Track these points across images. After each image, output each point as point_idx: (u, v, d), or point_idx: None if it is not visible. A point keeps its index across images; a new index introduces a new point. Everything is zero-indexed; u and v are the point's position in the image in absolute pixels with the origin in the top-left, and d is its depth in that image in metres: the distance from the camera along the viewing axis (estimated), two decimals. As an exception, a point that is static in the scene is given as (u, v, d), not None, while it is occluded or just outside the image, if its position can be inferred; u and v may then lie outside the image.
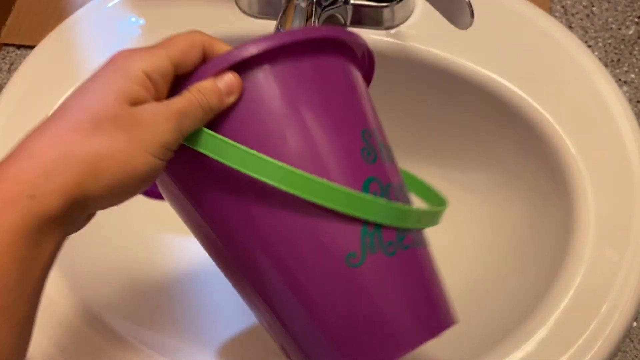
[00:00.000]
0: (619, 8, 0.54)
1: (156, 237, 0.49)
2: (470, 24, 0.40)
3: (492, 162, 0.49)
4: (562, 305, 0.36)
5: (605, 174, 0.40)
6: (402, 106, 0.50)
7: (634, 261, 0.37)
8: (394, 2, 0.45)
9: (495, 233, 0.48)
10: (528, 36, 0.46)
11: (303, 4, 0.39)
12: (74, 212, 0.24)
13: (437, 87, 0.48)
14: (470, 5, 0.39)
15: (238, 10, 0.47)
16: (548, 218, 0.44)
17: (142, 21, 0.48)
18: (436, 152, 0.52)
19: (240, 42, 0.28)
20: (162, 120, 0.25)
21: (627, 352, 0.43)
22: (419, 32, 0.46)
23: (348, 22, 0.46)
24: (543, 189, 0.45)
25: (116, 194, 0.25)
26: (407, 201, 0.31)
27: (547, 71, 0.44)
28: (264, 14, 0.47)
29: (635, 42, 0.52)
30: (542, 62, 0.45)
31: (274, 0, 0.46)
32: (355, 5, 0.45)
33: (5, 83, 0.46)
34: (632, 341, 0.43)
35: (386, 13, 0.46)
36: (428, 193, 0.39)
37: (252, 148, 0.26)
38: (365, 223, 0.28)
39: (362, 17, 0.46)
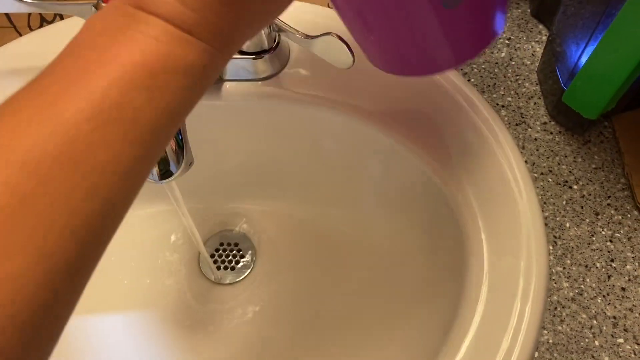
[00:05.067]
0: (490, 32, 0.56)
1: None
2: (352, 63, 0.40)
3: (385, 199, 0.50)
4: (465, 344, 0.37)
5: (491, 205, 0.41)
6: (295, 150, 0.50)
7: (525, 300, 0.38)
8: (268, 53, 0.45)
9: (399, 268, 0.48)
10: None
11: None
12: None
13: (320, 128, 0.47)
14: (348, 45, 0.39)
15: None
16: (444, 250, 0.44)
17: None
18: (333, 191, 0.52)
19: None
20: None
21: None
22: (297, 79, 0.46)
23: (225, 76, 0.45)
24: (438, 221, 0.45)
25: None
26: None
27: (426, 108, 0.45)
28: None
29: (508, 65, 0.54)
30: (420, 99, 0.46)
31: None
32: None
33: None
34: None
35: (261, 64, 0.45)
36: None
37: None
38: None
39: (238, 70, 0.45)
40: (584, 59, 0.47)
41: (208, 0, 0.19)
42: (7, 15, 0.49)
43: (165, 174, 0.36)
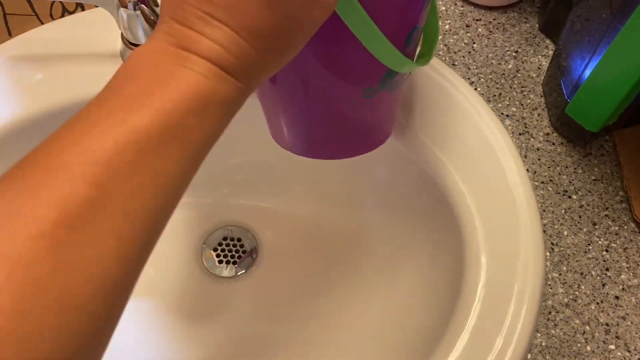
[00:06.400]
0: (498, 44, 0.57)
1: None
2: None
3: (387, 201, 0.51)
4: (461, 343, 0.38)
5: (492, 210, 0.42)
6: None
7: (523, 294, 0.39)
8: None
9: (398, 270, 0.49)
10: (412, 77, 0.48)
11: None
12: None
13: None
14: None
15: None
16: (444, 253, 0.45)
17: (39, 76, 0.47)
18: (336, 190, 0.53)
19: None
20: None
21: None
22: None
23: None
24: (439, 224, 0.46)
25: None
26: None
27: (434, 112, 0.46)
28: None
29: (515, 76, 0.56)
30: (429, 103, 0.47)
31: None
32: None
33: None
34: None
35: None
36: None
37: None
38: (391, 71, 0.35)
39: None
40: (587, 73, 0.48)
41: (247, 50, 0.24)
42: (30, 3, 0.51)
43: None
